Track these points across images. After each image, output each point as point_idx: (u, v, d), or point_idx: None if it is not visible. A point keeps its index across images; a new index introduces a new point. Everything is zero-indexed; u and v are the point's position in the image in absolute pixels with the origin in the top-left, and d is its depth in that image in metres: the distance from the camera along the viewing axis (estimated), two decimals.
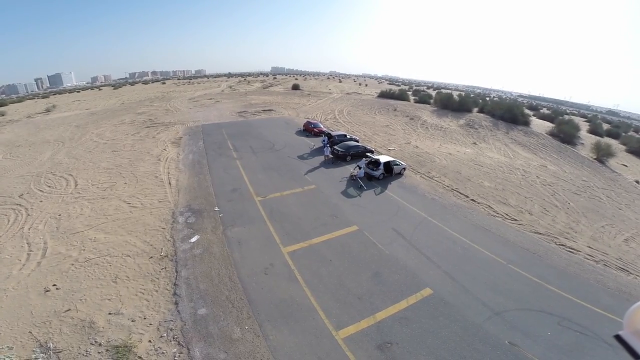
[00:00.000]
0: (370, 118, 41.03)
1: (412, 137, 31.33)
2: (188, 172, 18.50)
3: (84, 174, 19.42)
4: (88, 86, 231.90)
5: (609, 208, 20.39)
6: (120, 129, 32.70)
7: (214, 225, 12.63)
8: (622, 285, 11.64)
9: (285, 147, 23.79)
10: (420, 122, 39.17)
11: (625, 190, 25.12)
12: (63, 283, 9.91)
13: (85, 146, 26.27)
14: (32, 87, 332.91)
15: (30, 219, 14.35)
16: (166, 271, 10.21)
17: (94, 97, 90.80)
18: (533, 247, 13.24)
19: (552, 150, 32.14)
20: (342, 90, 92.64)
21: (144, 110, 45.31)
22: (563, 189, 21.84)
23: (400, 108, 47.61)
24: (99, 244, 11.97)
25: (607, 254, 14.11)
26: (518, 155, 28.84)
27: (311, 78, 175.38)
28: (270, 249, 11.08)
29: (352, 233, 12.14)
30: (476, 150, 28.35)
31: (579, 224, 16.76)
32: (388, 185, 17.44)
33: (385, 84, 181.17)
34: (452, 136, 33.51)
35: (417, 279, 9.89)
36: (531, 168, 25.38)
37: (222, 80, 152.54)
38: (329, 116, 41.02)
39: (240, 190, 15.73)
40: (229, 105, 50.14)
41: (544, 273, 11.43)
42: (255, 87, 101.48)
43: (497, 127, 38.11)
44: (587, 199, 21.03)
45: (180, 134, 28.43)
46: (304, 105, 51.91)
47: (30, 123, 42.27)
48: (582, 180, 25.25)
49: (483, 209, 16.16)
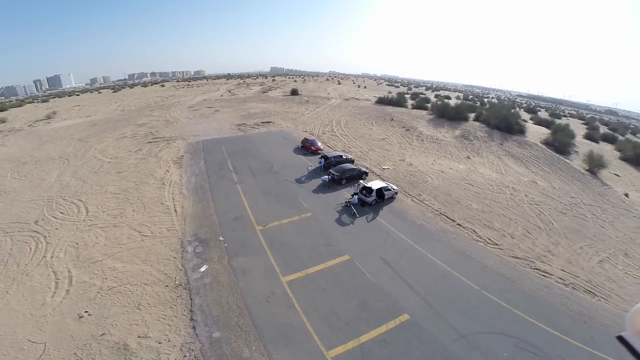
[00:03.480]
0: (367, 130, 43.46)
1: (407, 152, 33.73)
2: (192, 198, 20.86)
3: (93, 200, 21.75)
4: (87, 88, 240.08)
5: (592, 227, 22.69)
6: (122, 144, 35.11)
7: (220, 255, 14.98)
8: (584, 308, 13.93)
9: (284, 168, 26.18)
10: (416, 133, 41.58)
11: (612, 206, 27.42)
12: (93, 310, 12.23)
13: (90, 165, 28.62)
14: (31, 89, 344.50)
15: (50, 247, 16.68)
16: (182, 299, 12.54)
17: (94, 101, 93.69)
18: (508, 272, 15.57)
19: (544, 163, 34.44)
20: (341, 94, 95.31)
21: (144, 122, 47.85)
22: (549, 208, 24.15)
23: (397, 117, 50.06)
24: (119, 272, 14.30)
25: (578, 276, 16.42)
26: (510, 170, 31.17)
27: (310, 80, 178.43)
28: (271, 279, 13.43)
29: (344, 262, 14.50)
30: (469, 166, 30.71)
31: (557, 246, 19.07)
32: (380, 211, 19.80)
33: (384, 84, 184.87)
34: (447, 149, 35.89)
35: (397, 306, 12.23)
36: (521, 185, 27.69)
37: (222, 83, 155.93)
38: (326, 128, 43.43)
39: (242, 218, 18.10)
40: (228, 115, 52.62)
41: (514, 297, 13.74)
42: (254, 91, 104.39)
43: (491, 138, 40.47)
44: (571, 218, 23.33)
45: (182, 152, 30.83)
46: (302, 114, 54.34)
47: (33, 134, 44.83)
48: (571, 196, 27.54)
49: (467, 234, 18.50)
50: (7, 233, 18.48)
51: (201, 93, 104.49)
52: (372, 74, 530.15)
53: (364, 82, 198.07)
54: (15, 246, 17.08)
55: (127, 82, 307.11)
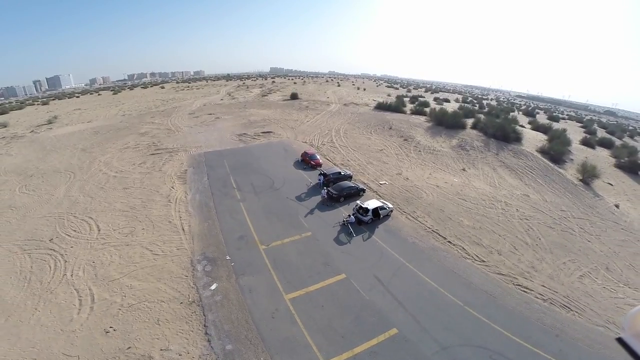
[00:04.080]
0: (365, 140, 45.68)
1: (404, 165, 35.94)
2: (198, 217, 23.00)
3: (103, 217, 23.84)
4: (86, 89, 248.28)
5: (578, 241, 24.86)
6: (126, 156, 37.27)
7: (227, 274, 17.11)
8: (557, 322, 16.08)
9: (284, 184, 28.36)
10: (413, 143, 43.83)
11: (601, 219, 29.62)
12: (117, 325, 14.34)
13: (96, 180, 30.71)
14: (30, 89, 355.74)
15: (69, 266, 18.77)
16: (196, 315, 14.67)
17: (94, 104, 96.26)
18: (492, 288, 17.72)
19: (538, 174, 36.64)
20: (340, 97, 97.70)
21: (146, 130, 50.17)
22: (538, 223, 26.32)
23: (396, 126, 52.33)
24: (136, 290, 16.41)
25: (557, 292, 18.59)
26: (503, 183, 33.38)
27: (310, 81, 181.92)
28: (275, 296, 15.57)
29: (341, 281, 16.65)
30: (463, 180, 32.91)
31: (542, 262, 21.24)
32: (375, 229, 21.97)
33: (383, 86, 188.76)
34: (443, 161, 38.14)
35: (388, 321, 14.37)
36: (513, 199, 29.87)
37: (221, 85, 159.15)
38: (325, 138, 45.64)
39: (246, 237, 20.24)
40: (228, 123, 54.92)
41: (494, 313, 15.89)
42: (254, 95, 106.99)
43: (487, 148, 42.72)
44: (559, 232, 25.50)
45: (185, 166, 32.99)
46: (301, 122, 56.59)
47: (36, 142, 47.17)
48: (561, 210, 29.73)
49: (457, 251, 20.67)
50: (25, 250, 20.57)
51: (201, 96, 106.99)
52: (371, 74, 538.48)
53: (364, 83, 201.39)
54: (35, 264, 19.15)
55: (127, 82, 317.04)
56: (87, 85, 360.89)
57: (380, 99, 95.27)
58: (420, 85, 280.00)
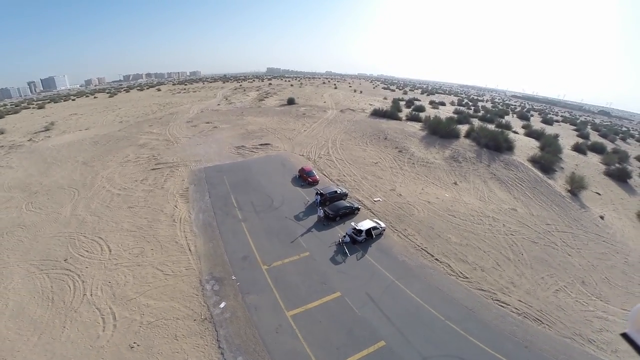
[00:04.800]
0: (361, 152, 48.77)
1: (398, 179, 39.01)
2: (202, 237, 25.84)
3: (112, 237, 26.56)
4: (82, 90, 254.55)
5: (559, 255, 27.91)
6: (127, 171, 40.04)
7: (234, 293, 19.99)
8: (528, 335, 19.06)
9: (283, 203, 31.31)
10: (407, 155, 46.99)
11: (584, 231, 32.76)
12: (140, 341, 17.14)
13: (101, 198, 33.40)
14: (25, 91, 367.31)
15: (87, 286, 21.49)
16: (209, 331, 17.52)
17: (91, 109, 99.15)
18: (472, 303, 20.72)
19: (527, 186, 39.85)
20: (337, 102, 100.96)
21: (145, 141, 53.11)
22: (523, 238, 29.39)
23: (391, 136, 55.54)
24: (153, 309, 19.22)
25: (532, 306, 21.60)
26: (493, 197, 36.51)
27: (307, 83, 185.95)
28: (278, 313, 18.48)
29: (336, 299, 19.60)
30: (454, 194, 36.03)
31: (521, 277, 24.28)
32: (368, 248, 24.95)
33: (380, 88, 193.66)
34: (436, 174, 41.29)
35: (377, 334, 17.33)
36: (501, 214, 32.97)
37: (218, 87, 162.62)
38: (322, 151, 48.66)
39: (249, 258, 23.14)
40: (226, 133, 57.93)
41: (471, 326, 18.87)
42: (251, 99, 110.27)
43: (480, 159, 45.94)
44: (542, 247, 28.56)
45: (186, 183, 35.82)
46: (298, 132, 59.62)
47: (36, 152, 50.01)
48: (546, 223, 32.84)
49: (443, 268, 23.69)
50: (42, 270, 23.26)
51: (198, 100, 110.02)
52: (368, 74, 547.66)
53: (360, 85, 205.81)
54: (55, 284, 21.85)
55: (122, 83, 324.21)
56: (82, 87, 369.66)
57: (377, 104, 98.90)
58: (417, 86, 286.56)
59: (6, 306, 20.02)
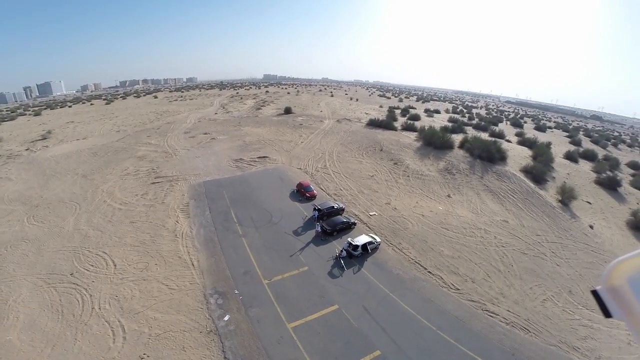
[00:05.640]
0: (357, 164, 50.78)
1: (393, 193, 40.97)
2: (204, 252, 27.44)
3: (116, 252, 28.03)
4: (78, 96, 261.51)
5: (548, 266, 29.69)
6: (127, 185, 41.61)
7: (237, 306, 21.58)
8: (515, 343, 20.78)
9: (282, 218, 33.05)
10: (402, 168, 49.09)
11: (573, 241, 34.63)
12: (150, 352, 18.63)
13: (102, 212, 34.87)
14: (21, 96, 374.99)
15: (95, 300, 22.94)
16: (214, 342, 19.07)
17: (88, 116, 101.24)
18: (462, 314, 22.45)
19: (519, 198, 41.87)
20: (333, 111, 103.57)
21: (144, 153, 54.95)
22: (513, 250, 31.22)
23: (386, 147, 57.76)
24: (160, 322, 20.72)
25: (519, 315, 23.36)
26: (485, 209, 38.47)
27: (303, 90, 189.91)
28: (280, 325, 20.10)
29: (334, 311, 21.28)
30: (447, 207, 37.98)
31: (510, 288, 26.05)
32: (364, 262, 26.71)
33: (375, 95, 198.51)
34: (430, 187, 43.30)
35: (372, 344, 18.99)
36: (493, 226, 34.88)
37: (215, 95, 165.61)
38: (319, 164, 50.59)
39: (250, 273, 24.77)
40: (224, 145, 59.95)
41: (461, 335, 20.57)
42: (247, 107, 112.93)
43: (473, 171, 48.08)
44: (531, 258, 30.36)
45: (186, 198, 37.46)
46: (295, 144, 61.63)
47: (34, 163, 51.65)
48: (537, 234, 34.75)
49: (435, 280, 25.44)
50: (50, 284, 24.66)
51: (195, 109, 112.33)
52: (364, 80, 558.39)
53: (356, 92, 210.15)
54: (63, 297, 23.26)
55: (119, 89, 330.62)
56: (79, 92, 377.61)
57: (373, 112, 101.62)
58: (412, 92, 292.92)
59: (17, 319, 21.37)
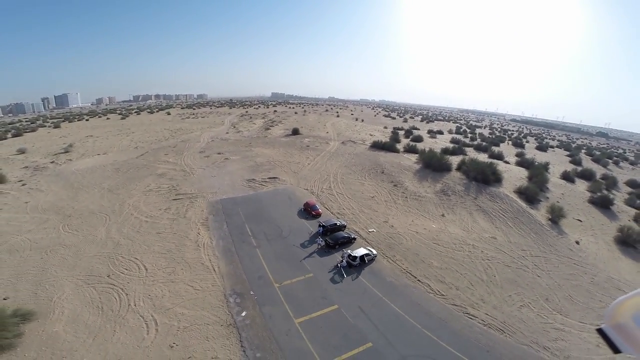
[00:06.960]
0: (359, 186, 54.41)
1: (392, 212, 44.32)
2: (224, 260, 30.98)
3: (146, 258, 31.65)
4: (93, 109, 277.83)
5: (529, 277, 32.28)
6: (151, 200, 45.61)
7: (253, 305, 24.93)
8: (490, 342, 23.63)
9: (291, 233, 36.68)
10: (402, 189, 52.51)
11: (557, 256, 37.02)
12: (178, 342, 21.93)
13: (131, 224, 38.69)
14: (39, 107, 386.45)
15: (130, 298, 26.41)
16: (233, 334, 22.35)
17: (105, 131, 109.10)
18: (445, 315, 25.43)
19: (509, 217, 44.67)
20: (339, 133, 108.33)
21: (163, 171, 59.56)
22: (498, 262, 34.01)
23: (387, 170, 61.42)
24: (187, 317, 24.09)
25: (496, 318, 26.19)
26: (476, 227, 41.44)
27: (310, 110, 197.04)
28: (288, 320, 23.37)
29: (334, 310, 24.52)
30: (440, 225, 41.14)
31: (491, 295, 28.90)
32: (362, 271, 30.00)
33: (381, 115, 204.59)
34: (426, 207, 46.54)
35: (365, 338, 22.11)
36: (481, 242, 37.80)
37: (225, 113, 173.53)
38: (324, 185, 54.39)
39: (264, 278, 28.21)
40: (237, 165, 64.45)
41: (443, 334, 23.54)
42: (257, 127, 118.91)
43: (468, 192, 51.18)
44: (514, 270, 33.05)
45: (206, 213, 41.29)
46: (303, 166, 65.74)
47: (61, 176, 56.68)
48: (522, 249, 37.41)
49: (423, 287, 28.52)
50: (89, 284, 28.18)
51: (207, 127, 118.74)
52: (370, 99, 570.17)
53: (362, 111, 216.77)
54: (102, 296, 26.73)
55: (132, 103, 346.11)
56: (94, 105, 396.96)
57: (377, 134, 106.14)
58: (417, 112, 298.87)
59: (62, 313, 24.77)
